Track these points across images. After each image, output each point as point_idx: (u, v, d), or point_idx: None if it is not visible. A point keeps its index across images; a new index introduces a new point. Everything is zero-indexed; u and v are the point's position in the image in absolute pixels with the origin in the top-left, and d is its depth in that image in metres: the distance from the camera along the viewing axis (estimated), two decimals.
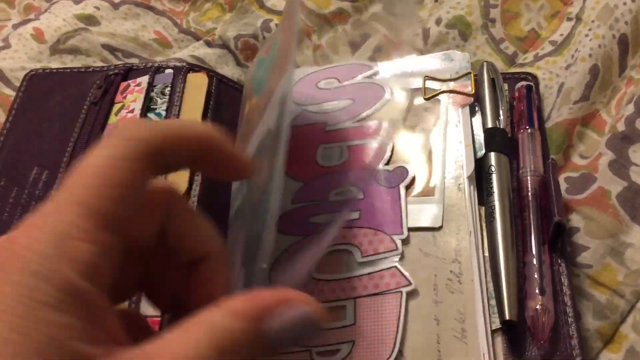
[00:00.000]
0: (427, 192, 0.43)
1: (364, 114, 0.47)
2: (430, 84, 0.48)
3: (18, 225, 0.22)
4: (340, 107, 0.48)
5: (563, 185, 0.46)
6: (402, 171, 0.44)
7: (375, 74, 0.50)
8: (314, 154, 0.45)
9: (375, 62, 0.51)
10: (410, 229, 0.41)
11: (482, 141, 0.44)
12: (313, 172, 0.44)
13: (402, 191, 0.42)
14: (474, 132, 0.45)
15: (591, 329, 0.40)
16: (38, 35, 0.58)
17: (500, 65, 0.54)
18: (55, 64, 0.57)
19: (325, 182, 0.44)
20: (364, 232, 0.41)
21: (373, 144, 0.45)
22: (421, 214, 0.42)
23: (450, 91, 0.47)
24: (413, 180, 0.43)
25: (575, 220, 0.44)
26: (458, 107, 0.46)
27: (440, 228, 0.41)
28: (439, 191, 0.42)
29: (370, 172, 0.44)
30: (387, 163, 0.44)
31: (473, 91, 0.46)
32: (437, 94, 0.47)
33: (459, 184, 0.42)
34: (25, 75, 0.54)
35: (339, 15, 0.59)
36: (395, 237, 0.41)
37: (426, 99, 0.47)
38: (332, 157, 0.45)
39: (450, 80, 0.48)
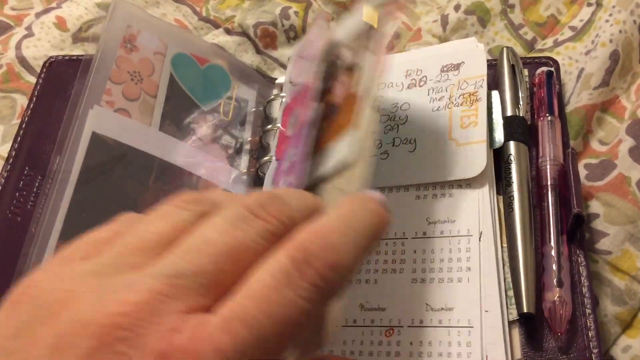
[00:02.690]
0: None
1: None
2: None
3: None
4: None
5: (582, 172, 0.46)
6: None
7: None
8: None
9: None
10: None
11: (501, 129, 0.44)
12: None
13: None
14: (493, 121, 0.45)
15: (609, 314, 0.41)
16: (60, 24, 0.59)
17: (520, 51, 0.54)
18: (77, 51, 0.57)
19: None
20: None
21: None
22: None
23: None
24: None
25: (595, 206, 0.44)
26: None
27: None
28: None
29: None
30: None
31: None
32: None
33: None
34: (45, 62, 0.55)
35: (357, 2, 0.59)
36: None
37: None
38: None
39: None
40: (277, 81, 0.53)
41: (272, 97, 0.50)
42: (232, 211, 0.23)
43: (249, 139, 0.49)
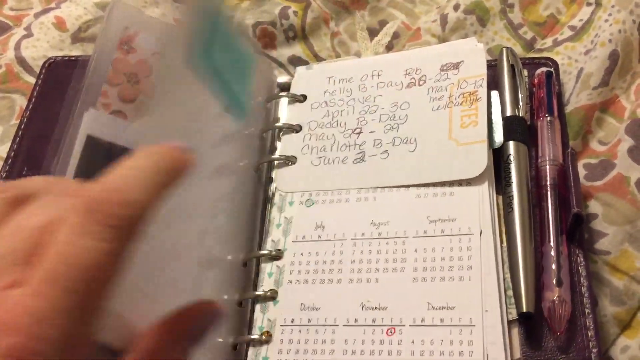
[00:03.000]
0: None
1: None
2: None
3: (11, 331, 0.20)
4: None
5: (582, 172, 0.46)
6: None
7: None
8: None
9: None
10: None
11: (501, 129, 0.44)
12: None
13: None
14: (493, 121, 0.45)
15: (608, 314, 0.41)
16: (59, 24, 0.59)
17: (519, 51, 0.54)
18: (76, 52, 0.57)
19: None
20: None
21: None
22: None
23: None
24: None
25: (594, 206, 0.44)
26: None
27: None
28: None
29: None
30: None
31: None
32: None
33: None
34: (44, 62, 0.55)
35: (356, 2, 0.59)
36: None
37: None
38: None
39: None
40: (278, 80, 0.53)
41: (279, 95, 0.50)
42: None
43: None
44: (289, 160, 0.47)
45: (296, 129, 0.48)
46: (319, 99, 0.50)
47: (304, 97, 0.50)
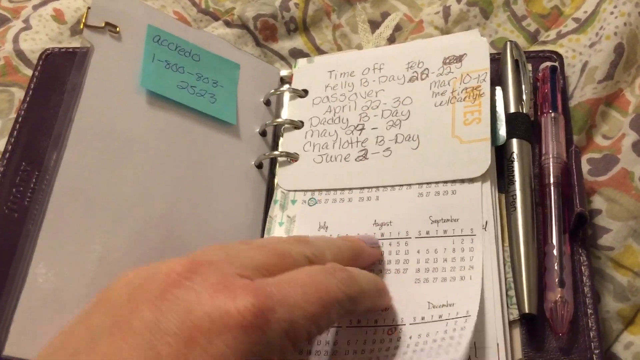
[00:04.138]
0: None
1: None
2: None
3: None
4: None
5: (585, 167, 0.45)
6: None
7: None
8: None
9: None
10: None
11: (504, 127, 0.44)
12: None
13: None
14: (497, 117, 0.44)
15: (611, 310, 0.40)
16: (58, 16, 0.58)
17: (522, 43, 0.54)
18: (75, 44, 0.57)
19: None
20: None
21: None
22: None
23: None
24: None
25: (598, 202, 0.44)
26: None
27: None
28: None
29: None
30: None
31: None
32: None
33: None
34: (41, 54, 0.54)
35: None
36: None
37: None
38: None
39: None
40: (280, 73, 0.52)
41: (279, 89, 0.50)
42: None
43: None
44: (291, 157, 0.46)
45: (298, 125, 0.48)
46: (320, 94, 0.49)
47: (305, 92, 0.50)
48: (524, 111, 0.45)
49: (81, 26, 0.44)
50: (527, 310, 0.37)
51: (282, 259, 0.31)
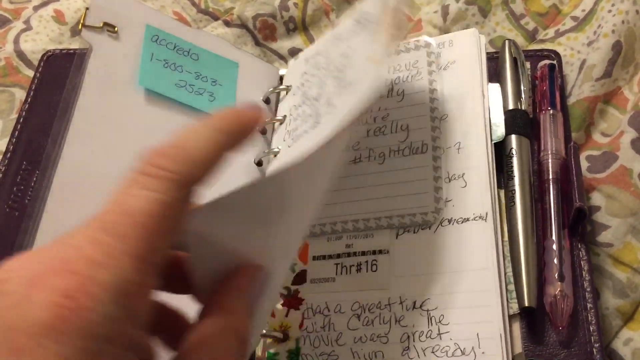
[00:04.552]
0: None
1: None
2: None
3: (67, 273, 0.20)
4: None
5: (584, 164, 0.46)
6: None
7: None
8: None
9: None
10: None
11: (503, 123, 0.44)
12: None
13: None
14: (493, 114, 0.44)
15: (611, 307, 0.40)
16: (58, 17, 0.59)
17: (521, 41, 0.54)
18: (76, 45, 0.57)
19: None
20: None
21: None
22: None
23: None
24: None
25: (597, 198, 0.44)
26: None
27: None
28: None
29: None
30: None
31: None
32: None
33: None
34: (42, 56, 0.54)
35: None
36: None
37: None
38: None
39: None
40: (279, 72, 0.53)
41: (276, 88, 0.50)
42: None
43: None
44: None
45: None
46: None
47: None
48: (523, 108, 0.45)
49: (79, 27, 0.44)
50: (527, 304, 0.38)
51: None
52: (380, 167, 0.44)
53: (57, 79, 0.52)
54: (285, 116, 0.48)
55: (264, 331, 0.40)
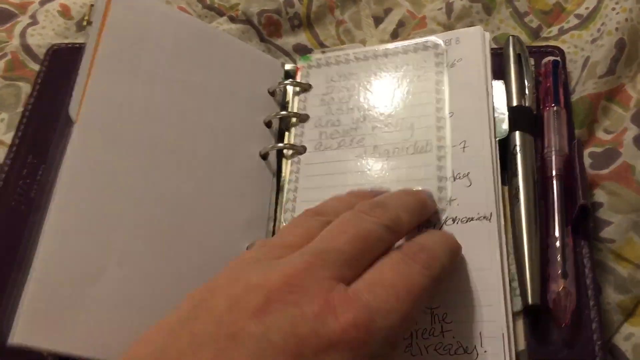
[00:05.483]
0: None
1: None
2: None
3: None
4: None
5: (587, 161, 0.46)
6: None
7: None
8: None
9: None
10: None
11: (506, 120, 0.44)
12: None
13: None
14: (497, 111, 0.45)
15: (612, 302, 0.41)
16: (64, 12, 0.59)
17: (524, 39, 0.54)
18: (82, 39, 0.57)
19: None
20: None
21: None
22: None
23: None
24: None
25: (599, 195, 0.44)
26: None
27: None
28: None
29: None
30: None
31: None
32: None
33: None
34: (48, 50, 0.55)
35: None
36: None
37: None
38: None
39: None
40: (285, 67, 0.53)
41: (284, 82, 0.50)
42: (350, 212, 0.34)
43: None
44: (296, 150, 0.47)
45: (303, 118, 0.48)
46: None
47: (309, 86, 0.50)
48: (527, 105, 0.45)
49: (84, 23, 0.44)
50: (530, 302, 0.38)
51: (366, 243, 0.32)
52: (384, 165, 0.44)
53: (62, 73, 0.52)
54: (308, 115, 0.48)
55: None
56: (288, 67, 0.53)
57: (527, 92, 0.46)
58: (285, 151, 0.47)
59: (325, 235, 0.32)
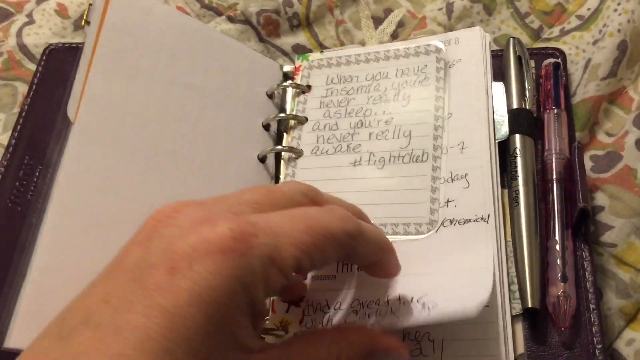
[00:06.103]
0: None
1: None
2: None
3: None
4: None
5: (588, 164, 0.45)
6: None
7: None
8: None
9: None
10: None
11: (506, 122, 0.44)
12: None
13: None
14: (497, 113, 0.44)
15: (614, 307, 0.40)
16: (61, 11, 0.58)
17: (525, 40, 0.54)
18: (78, 39, 0.57)
19: None
20: None
21: None
22: None
23: None
24: None
25: (600, 198, 0.44)
26: None
27: None
28: None
29: None
30: None
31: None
32: None
33: None
34: (45, 49, 0.54)
35: None
36: None
37: None
38: None
39: None
40: (284, 69, 0.52)
41: (283, 84, 0.50)
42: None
43: None
44: (295, 152, 0.46)
45: (302, 120, 0.48)
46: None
47: (308, 88, 0.50)
48: (527, 107, 0.45)
49: (82, 22, 0.44)
50: (530, 305, 0.37)
51: (272, 194, 0.31)
52: (379, 173, 0.44)
53: (59, 73, 0.52)
54: (306, 118, 0.48)
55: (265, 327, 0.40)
56: (287, 68, 0.52)
57: (527, 94, 0.45)
58: (283, 154, 0.47)
59: (233, 192, 0.32)
